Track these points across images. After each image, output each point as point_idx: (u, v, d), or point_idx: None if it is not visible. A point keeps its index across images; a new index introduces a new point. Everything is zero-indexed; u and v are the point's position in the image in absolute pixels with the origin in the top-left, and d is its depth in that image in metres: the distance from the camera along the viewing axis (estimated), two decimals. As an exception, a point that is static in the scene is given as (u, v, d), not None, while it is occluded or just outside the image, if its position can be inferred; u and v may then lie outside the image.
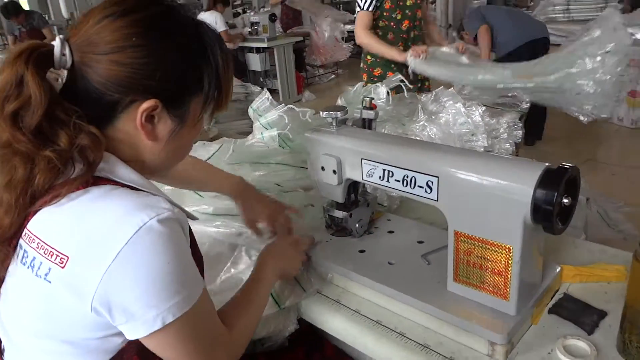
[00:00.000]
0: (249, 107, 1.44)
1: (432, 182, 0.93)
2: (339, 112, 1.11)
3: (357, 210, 1.19)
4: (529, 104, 2.02)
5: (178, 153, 0.81)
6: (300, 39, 6.47)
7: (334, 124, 1.13)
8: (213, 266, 1.11)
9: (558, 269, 1.03)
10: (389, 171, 1.00)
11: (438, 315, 0.94)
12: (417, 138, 1.58)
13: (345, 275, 1.09)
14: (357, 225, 1.19)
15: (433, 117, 1.66)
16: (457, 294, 0.97)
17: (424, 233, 1.20)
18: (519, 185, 0.82)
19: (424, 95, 1.74)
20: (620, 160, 4.07)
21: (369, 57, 2.63)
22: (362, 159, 1.04)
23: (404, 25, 2.54)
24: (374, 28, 2.53)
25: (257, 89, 3.26)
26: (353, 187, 1.18)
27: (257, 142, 1.45)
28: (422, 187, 0.95)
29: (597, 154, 4.15)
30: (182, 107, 0.74)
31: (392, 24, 2.55)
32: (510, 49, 3.54)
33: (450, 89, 1.69)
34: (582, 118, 1.93)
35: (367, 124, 1.18)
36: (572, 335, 0.90)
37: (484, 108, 1.70)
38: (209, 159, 1.32)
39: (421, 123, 1.62)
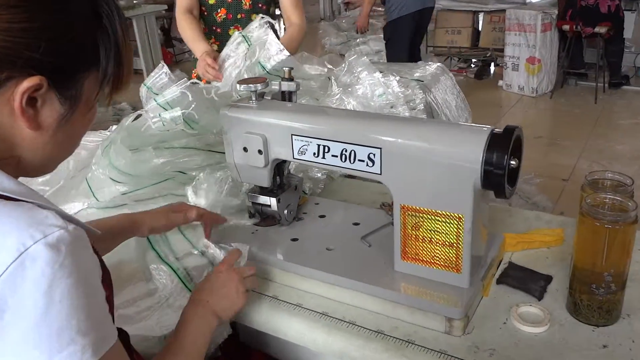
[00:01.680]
0: (142, 85, 1.40)
1: (374, 155, 1.00)
2: (259, 84, 1.14)
3: (285, 195, 1.23)
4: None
5: (66, 146, 0.75)
6: (165, 7, 6.30)
7: (254, 98, 1.15)
8: (124, 285, 1.09)
9: (502, 238, 1.15)
10: (324, 146, 1.05)
11: (389, 297, 1.01)
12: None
13: (281, 268, 1.12)
14: (286, 211, 1.23)
15: (349, 89, 1.73)
16: (406, 272, 1.05)
17: (358, 214, 1.27)
18: (467, 151, 0.92)
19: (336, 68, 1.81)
20: (525, 130, 4.51)
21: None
22: (292, 134, 1.08)
23: (219, 14, 2.18)
24: None
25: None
26: (278, 169, 1.21)
27: (155, 125, 1.41)
28: (363, 161, 1.02)
29: (501, 124, 4.58)
30: (73, 86, 0.70)
31: (203, 9, 2.20)
32: (403, 13, 4.16)
33: (363, 58, 1.77)
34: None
35: (287, 97, 1.22)
36: (523, 303, 1.02)
37: (398, 78, 1.81)
38: (106, 146, 1.29)
39: (337, 96, 1.68)
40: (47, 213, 0.63)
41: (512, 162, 0.93)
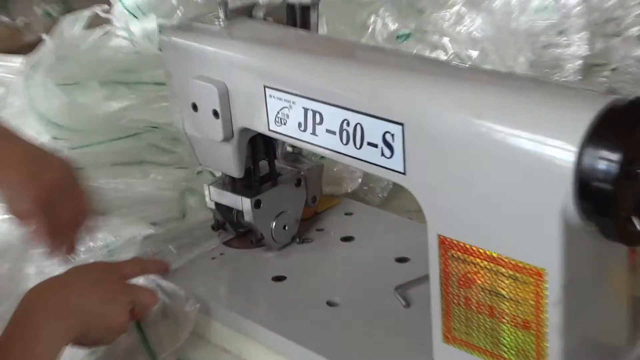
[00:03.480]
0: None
1: (392, 136, 0.94)
2: (230, -10, 1.12)
3: (272, 195, 1.21)
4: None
5: None
6: None
7: (221, 16, 1.14)
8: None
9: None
10: (314, 113, 1.01)
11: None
12: (446, 39, 1.58)
13: (241, 330, 1.12)
14: (274, 224, 1.21)
15: (478, -3, 1.66)
16: (452, 367, 0.99)
17: (413, 242, 1.21)
18: (553, 141, 0.82)
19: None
20: None
21: None
22: (265, 86, 1.05)
23: None
24: None
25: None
26: (264, 145, 1.20)
27: (119, 43, 1.48)
28: (375, 146, 0.96)
29: None
30: None
31: None
32: None
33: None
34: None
35: (299, 17, 1.19)
36: None
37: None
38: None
39: (455, 8, 1.62)
40: None
41: (649, 172, 0.82)
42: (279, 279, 1.18)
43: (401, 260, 1.20)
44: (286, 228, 1.23)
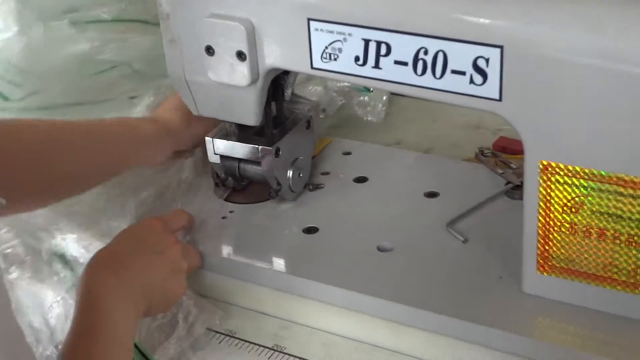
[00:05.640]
0: None
1: (486, 61, 0.92)
2: None
3: (288, 141, 1.19)
4: None
5: None
6: None
7: None
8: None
9: None
10: (379, 44, 0.98)
11: (518, 350, 0.96)
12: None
13: (288, 289, 1.09)
14: (290, 173, 1.19)
15: None
16: (546, 297, 1.00)
17: (434, 174, 1.24)
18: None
19: None
20: None
21: None
22: (308, 19, 1.01)
23: None
24: None
25: None
26: (273, 89, 1.16)
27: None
28: (463, 74, 0.94)
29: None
30: None
31: None
32: None
33: None
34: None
35: None
36: None
37: None
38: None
39: None
40: None
41: None
42: (310, 230, 1.16)
43: (431, 195, 1.20)
44: (301, 176, 1.22)
